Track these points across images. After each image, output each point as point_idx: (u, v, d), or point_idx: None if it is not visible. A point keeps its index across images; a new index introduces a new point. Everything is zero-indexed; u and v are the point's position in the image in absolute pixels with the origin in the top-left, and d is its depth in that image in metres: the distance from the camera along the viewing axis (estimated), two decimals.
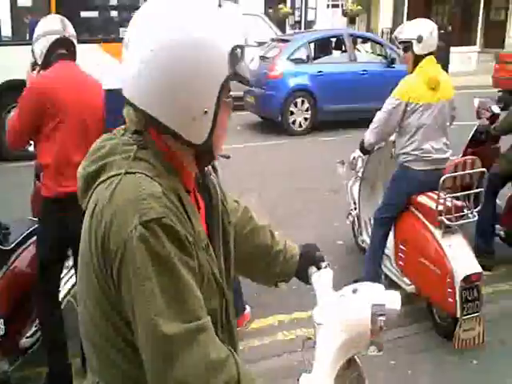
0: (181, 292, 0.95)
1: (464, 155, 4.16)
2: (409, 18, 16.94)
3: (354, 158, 4.08)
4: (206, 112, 1.00)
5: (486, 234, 4.10)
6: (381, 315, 1.08)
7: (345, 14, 17.53)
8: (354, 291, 1.16)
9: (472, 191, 3.33)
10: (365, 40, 11.25)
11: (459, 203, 3.30)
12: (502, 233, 4.26)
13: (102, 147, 1.06)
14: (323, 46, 9.88)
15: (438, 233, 3.24)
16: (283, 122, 8.79)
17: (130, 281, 0.94)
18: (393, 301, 1.12)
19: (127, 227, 0.94)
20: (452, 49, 16.57)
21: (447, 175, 3.23)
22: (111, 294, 0.98)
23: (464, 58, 17.50)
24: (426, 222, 3.32)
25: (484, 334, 3.08)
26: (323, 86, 8.74)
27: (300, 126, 8.88)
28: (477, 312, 3.04)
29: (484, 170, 3.41)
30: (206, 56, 0.97)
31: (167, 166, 1.04)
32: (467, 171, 3.38)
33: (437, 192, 3.18)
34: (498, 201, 4.31)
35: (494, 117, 4.28)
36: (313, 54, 9.45)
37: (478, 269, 3.09)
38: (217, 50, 0.98)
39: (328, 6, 18.06)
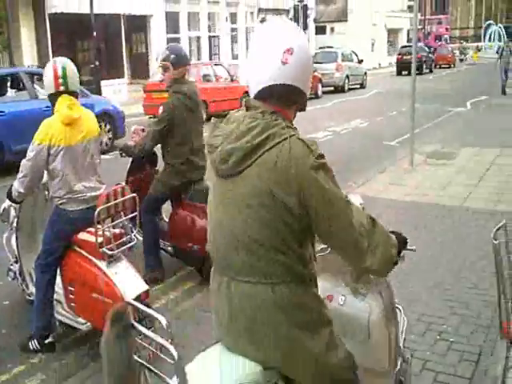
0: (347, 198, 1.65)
1: (126, 183, 4.37)
2: (54, 55, 16.87)
3: (4, 209, 3.84)
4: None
5: (151, 251, 4.43)
6: None
7: None
8: None
9: (126, 217, 3.51)
10: (41, 77, 10.93)
11: (117, 231, 3.44)
12: (170, 248, 4.61)
13: (252, 128, 1.61)
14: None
15: (103, 264, 3.31)
16: None
17: (319, 196, 1.58)
18: None
19: (309, 164, 1.58)
20: (102, 82, 17.30)
21: (100, 207, 3.30)
22: (293, 213, 1.59)
23: (115, 89, 18.49)
24: (90, 257, 3.36)
25: None
26: (8, 127, 8.62)
27: None
28: (151, 327, 3.24)
29: (134, 195, 3.58)
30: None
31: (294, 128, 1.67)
32: (119, 199, 3.56)
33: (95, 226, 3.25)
34: (165, 218, 4.71)
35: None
36: None
37: (144, 287, 3.30)
38: None
39: None
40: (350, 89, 23.13)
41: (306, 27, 27.51)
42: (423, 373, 3.13)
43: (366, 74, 25.28)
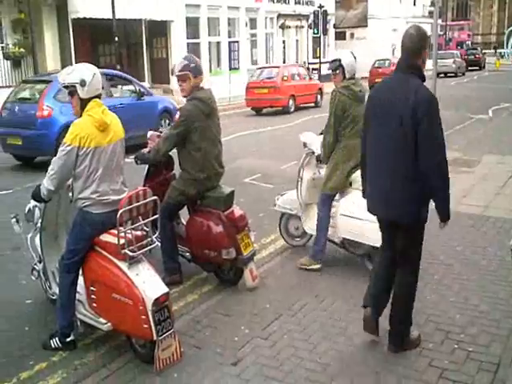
0: None
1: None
2: (77, 59, 17.15)
3: (29, 210, 3.91)
4: None
5: (170, 255, 4.47)
6: None
7: (7, 56, 16.52)
8: None
9: (147, 220, 3.56)
10: (112, 77, 11.88)
11: (139, 233, 3.50)
12: (187, 254, 4.63)
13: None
14: None
15: (124, 266, 3.37)
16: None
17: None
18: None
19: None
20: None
21: (122, 209, 3.34)
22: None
23: None
24: (112, 258, 3.42)
25: (180, 346, 3.37)
26: None
27: None
28: (171, 329, 3.30)
29: (155, 198, 3.62)
30: None
31: None
32: (141, 202, 3.61)
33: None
34: (184, 222, 4.73)
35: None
36: None
37: (165, 289, 3.34)
38: None
39: None
40: None
41: (325, 33, 27.48)
42: (440, 382, 3.12)
43: None
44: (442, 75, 31.25)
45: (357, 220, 4.55)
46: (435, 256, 4.94)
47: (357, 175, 4.59)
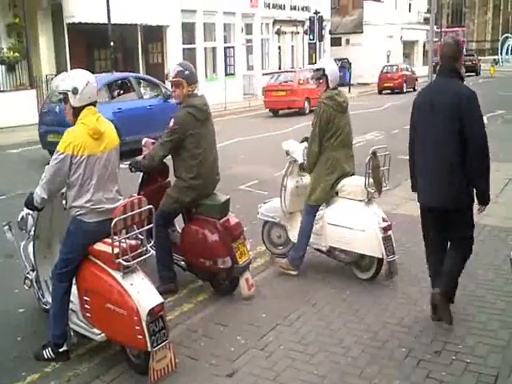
0: None
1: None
2: (72, 64, 17.11)
3: (22, 218, 3.87)
4: None
5: (164, 263, 4.43)
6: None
7: (1, 61, 16.41)
8: None
9: (142, 229, 3.51)
10: (143, 81, 13.16)
11: (134, 242, 3.44)
12: (182, 263, 4.57)
13: None
14: (115, 87, 12.10)
15: (118, 275, 3.32)
16: None
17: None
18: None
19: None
20: None
21: (117, 218, 3.29)
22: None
23: None
24: (106, 268, 3.37)
25: (175, 357, 3.33)
26: (123, 121, 10.28)
27: None
28: (165, 340, 3.25)
29: (150, 207, 3.56)
30: None
31: None
32: (136, 211, 3.57)
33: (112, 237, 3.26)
34: (179, 229, 4.69)
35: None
36: (111, 94, 11.70)
37: (160, 299, 3.29)
38: None
39: None
40: None
41: (321, 39, 27.57)
42: None
43: None
44: None
45: (344, 229, 4.58)
46: None
47: (343, 184, 4.61)
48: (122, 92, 12.20)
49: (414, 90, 28.83)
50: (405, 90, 28.31)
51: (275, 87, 19.63)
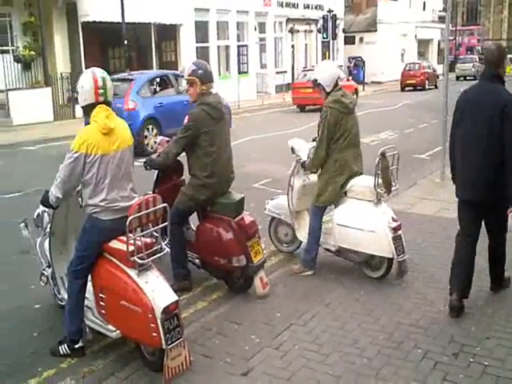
0: None
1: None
2: (86, 62, 17.22)
3: (38, 215, 3.89)
4: None
5: (179, 261, 4.43)
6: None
7: (17, 59, 16.61)
8: None
9: (157, 227, 3.51)
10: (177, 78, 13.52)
11: (148, 240, 3.44)
12: (197, 260, 4.57)
13: None
14: (156, 83, 12.92)
15: (133, 273, 3.32)
16: (139, 146, 9.42)
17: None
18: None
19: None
20: None
21: (132, 216, 3.29)
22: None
23: None
24: (121, 265, 3.38)
25: (189, 355, 3.32)
26: (164, 114, 11.66)
27: (151, 147, 10.74)
28: (180, 338, 3.24)
29: (165, 205, 3.57)
30: None
31: None
32: (151, 209, 3.57)
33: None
34: (193, 227, 4.70)
35: None
36: (153, 89, 12.55)
37: (174, 298, 3.29)
38: None
39: None
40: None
41: (334, 37, 27.45)
42: None
43: None
44: (462, 78, 33.61)
45: (354, 230, 4.57)
46: (447, 264, 4.85)
47: (352, 184, 4.58)
48: (161, 88, 12.87)
49: (436, 87, 29.16)
50: (427, 87, 29.08)
51: (303, 84, 19.54)
